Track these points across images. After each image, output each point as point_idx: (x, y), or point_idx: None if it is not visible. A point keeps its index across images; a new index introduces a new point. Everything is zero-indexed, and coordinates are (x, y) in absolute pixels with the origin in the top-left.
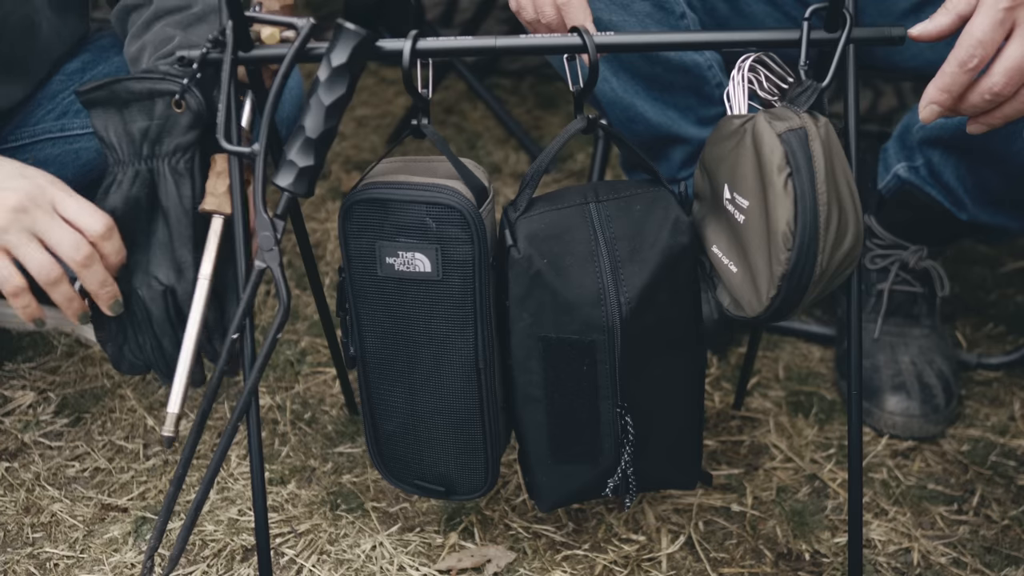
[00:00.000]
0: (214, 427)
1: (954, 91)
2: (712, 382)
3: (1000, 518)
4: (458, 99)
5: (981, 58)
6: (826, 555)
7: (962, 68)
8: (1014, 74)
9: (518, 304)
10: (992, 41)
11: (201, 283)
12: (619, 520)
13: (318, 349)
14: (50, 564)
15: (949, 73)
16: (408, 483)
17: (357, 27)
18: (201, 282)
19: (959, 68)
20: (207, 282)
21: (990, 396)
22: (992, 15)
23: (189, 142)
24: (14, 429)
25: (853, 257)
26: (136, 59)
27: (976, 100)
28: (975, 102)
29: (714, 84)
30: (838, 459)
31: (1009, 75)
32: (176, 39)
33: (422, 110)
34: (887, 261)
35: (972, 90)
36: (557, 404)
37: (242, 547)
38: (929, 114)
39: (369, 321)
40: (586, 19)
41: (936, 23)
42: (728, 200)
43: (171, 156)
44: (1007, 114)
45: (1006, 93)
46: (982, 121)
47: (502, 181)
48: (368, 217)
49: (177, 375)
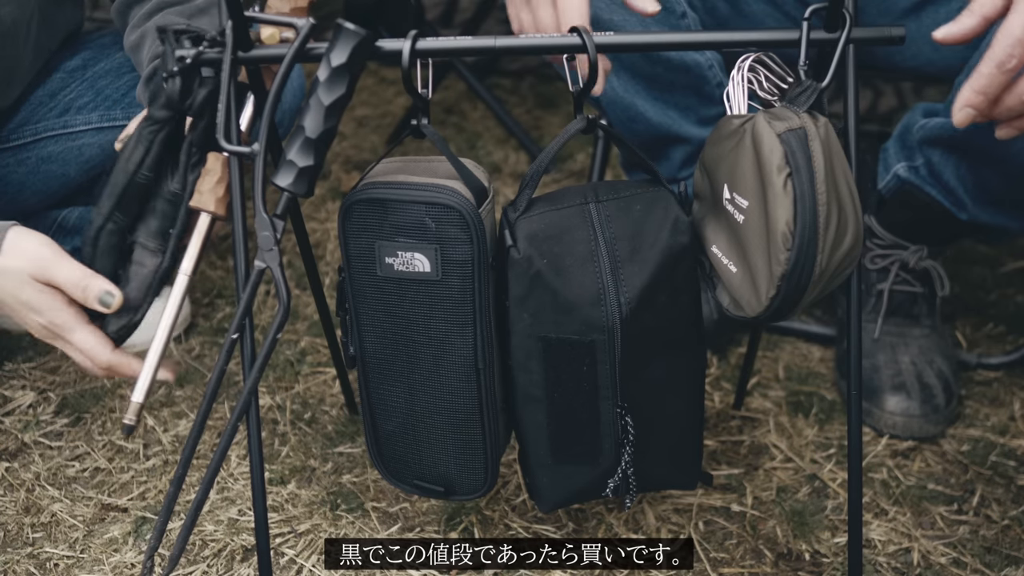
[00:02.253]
0: (214, 427)
1: (990, 93)
2: (712, 382)
3: (1000, 518)
4: (458, 99)
5: (1020, 58)
6: (826, 555)
7: (1000, 69)
8: None
9: (518, 304)
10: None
11: (180, 279)
12: (619, 520)
13: (318, 349)
14: (50, 564)
15: (986, 75)
16: (408, 483)
17: (357, 27)
18: (180, 278)
19: (997, 69)
20: (187, 278)
21: (990, 396)
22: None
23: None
24: (14, 429)
25: (853, 257)
26: (136, 47)
27: (1013, 103)
28: (1011, 104)
29: (715, 84)
30: (838, 459)
31: None
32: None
33: (422, 110)
34: (887, 261)
35: (1009, 92)
36: (557, 404)
37: (242, 547)
38: (964, 118)
39: (369, 321)
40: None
41: (961, 25)
42: (728, 200)
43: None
44: None
45: None
46: (1015, 125)
47: (502, 181)
48: (368, 217)
49: (145, 365)
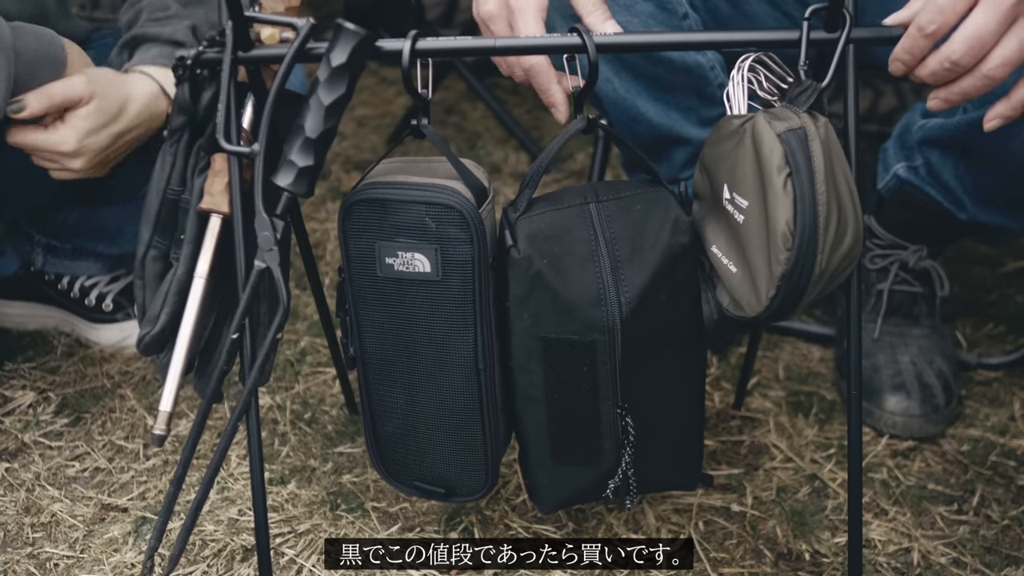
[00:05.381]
0: (214, 427)
1: (914, 53)
2: (712, 382)
3: (1000, 518)
4: (458, 99)
5: (939, 24)
6: (826, 555)
7: (920, 32)
8: (974, 43)
9: (518, 305)
10: (952, 9)
11: (197, 282)
12: (619, 520)
13: (318, 349)
14: (50, 564)
15: (910, 36)
16: (408, 484)
17: (357, 27)
18: (197, 281)
19: (918, 32)
20: (203, 281)
21: (990, 396)
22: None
23: (176, 126)
24: (14, 429)
25: (853, 257)
26: (130, 24)
27: (935, 67)
28: (934, 68)
29: (716, 85)
30: (838, 459)
31: (969, 43)
32: (172, 8)
33: (422, 110)
34: (887, 261)
35: (932, 56)
36: (557, 405)
37: (242, 547)
38: (895, 69)
39: (368, 322)
40: None
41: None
42: (728, 200)
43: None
44: (964, 89)
45: (964, 63)
46: (942, 96)
47: (502, 181)
48: (368, 217)
49: (170, 373)
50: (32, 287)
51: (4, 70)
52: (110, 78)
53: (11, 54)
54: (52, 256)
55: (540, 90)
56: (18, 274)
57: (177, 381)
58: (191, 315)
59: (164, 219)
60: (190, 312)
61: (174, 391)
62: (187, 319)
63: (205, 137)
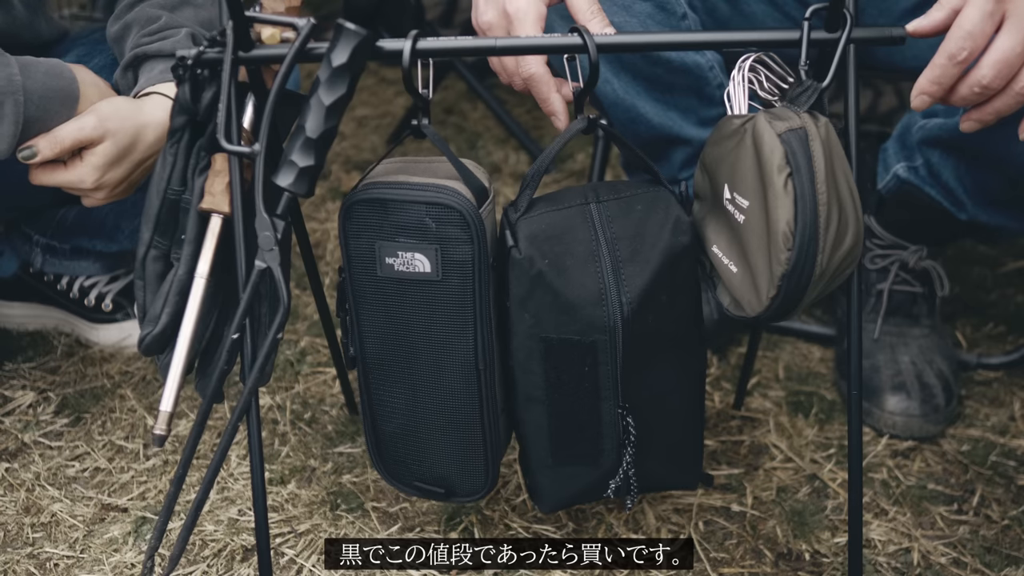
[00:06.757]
0: (214, 427)
1: (944, 83)
2: (712, 382)
3: (1000, 518)
4: (458, 99)
5: (971, 50)
6: (826, 555)
7: (951, 60)
8: (1002, 67)
9: (519, 305)
10: (982, 33)
11: (198, 282)
12: (619, 520)
13: (318, 349)
14: (50, 564)
15: (939, 65)
16: (408, 484)
17: (357, 27)
18: (198, 281)
19: (948, 60)
20: (203, 281)
21: (990, 396)
22: (982, 7)
23: (177, 126)
24: (14, 429)
25: (853, 257)
26: (120, 38)
27: (966, 93)
28: (964, 95)
29: (715, 85)
30: (838, 459)
31: (998, 67)
32: (163, 19)
33: (422, 110)
34: (887, 261)
35: (962, 83)
36: (558, 405)
37: (242, 547)
38: (920, 103)
39: (369, 322)
40: None
41: (931, 19)
42: (728, 200)
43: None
44: (998, 109)
45: (995, 86)
46: (975, 118)
47: (502, 181)
48: (368, 217)
49: (171, 373)
50: (32, 287)
51: (11, 116)
52: (122, 112)
53: (20, 96)
54: (51, 256)
55: (540, 99)
56: (18, 275)
57: (178, 381)
58: (192, 315)
59: (165, 219)
60: (191, 312)
61: (175, 391)
62: (188, 319)
63: (206, 137)
